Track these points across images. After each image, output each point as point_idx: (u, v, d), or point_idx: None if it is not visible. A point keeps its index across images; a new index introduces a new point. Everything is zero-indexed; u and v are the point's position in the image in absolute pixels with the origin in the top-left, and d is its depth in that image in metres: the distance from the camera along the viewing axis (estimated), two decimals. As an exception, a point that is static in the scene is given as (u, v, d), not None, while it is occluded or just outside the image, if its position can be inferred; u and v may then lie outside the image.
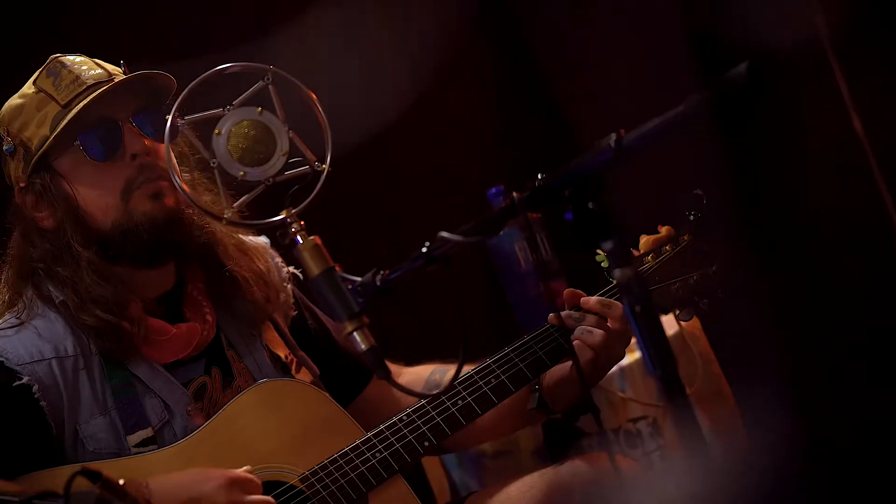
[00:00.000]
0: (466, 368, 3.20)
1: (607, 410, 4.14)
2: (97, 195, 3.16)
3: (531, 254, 4.57)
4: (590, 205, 2.27)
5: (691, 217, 3.23)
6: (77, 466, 2.40)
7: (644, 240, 3.28)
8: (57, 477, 2.49)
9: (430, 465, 4.25)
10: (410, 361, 3.61)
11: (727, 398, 4.36)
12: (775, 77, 3.87)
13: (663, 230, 3.28)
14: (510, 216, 2.41)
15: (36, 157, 3.15)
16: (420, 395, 3.16)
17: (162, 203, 3.16)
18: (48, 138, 3.14)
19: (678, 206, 3.29)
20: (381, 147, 4.78)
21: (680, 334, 4.28)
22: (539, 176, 2.37)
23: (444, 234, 2.61)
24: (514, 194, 2.36)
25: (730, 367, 4.42)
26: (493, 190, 4.66)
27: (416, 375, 3.53)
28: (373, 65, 4.92)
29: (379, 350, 2.86)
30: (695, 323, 4.37)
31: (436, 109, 5.00)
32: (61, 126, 3.12)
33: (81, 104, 3.12)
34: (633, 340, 4.29)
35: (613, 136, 2.21)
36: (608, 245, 2.27)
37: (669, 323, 4.24)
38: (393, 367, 3.52)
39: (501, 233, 2.68)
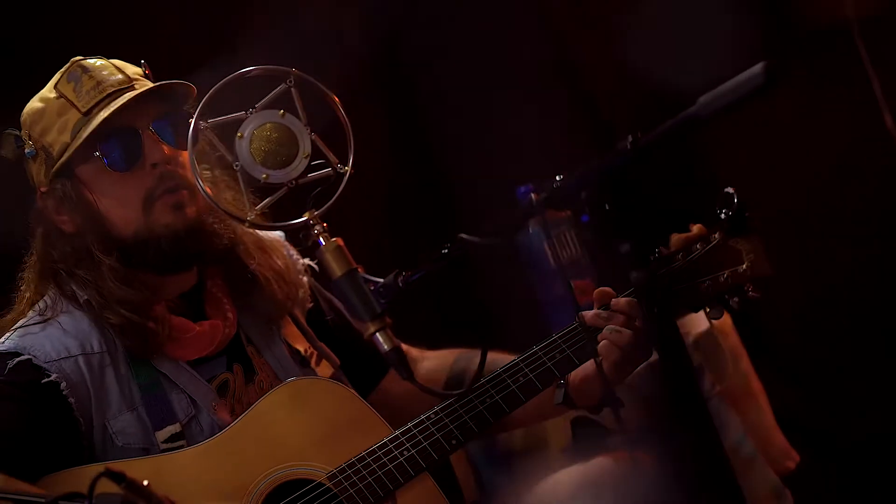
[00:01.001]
0: (495, 357, 3.21)
1: (633, 408, 4.13)
2: (118, 204, 3.17)
3: (560, 251, 4.56)
4: (606, 206, 2.27)
5: (722, 215, 3.22)
6: (101, 467, 2.41)
7: (675, 238, 3.27)
8: (81, 478, 2.51)
9: (458, 461, 4.25)
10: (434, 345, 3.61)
11: (757, 395, 4.34)
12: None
13: (695, 228, 3.27)
14: (528, 218, 2.42)
15: (57, 164, 3.17)
16: (442, 395, 3.17)
17: (183, 214, 3.16)
18: (69, 146, 3.15)
19: (710, 205, 3.28)
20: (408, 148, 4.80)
21: (710, 331, 4.26)
22: (557, 178, 2.37)
23: (464, 235, 2.63)
24: (532, 196, 2.37)
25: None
26: (523, 189, 4.65)
27: (440, 361, 3.53)
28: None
29: (402, 350, 2.88)
30: (726, 319, 4.35)
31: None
32: (82, 138, 3.12)
33: (102, 114, 3.12)
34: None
35: (630, 137, 2.22)
36: (625, 246, 2.27)
37: (700, 320, 4.23)
38: (415, 352, 3.54)
39: (531, 230, 2.70)
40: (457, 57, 4.86)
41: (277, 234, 3.44)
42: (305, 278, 3.45)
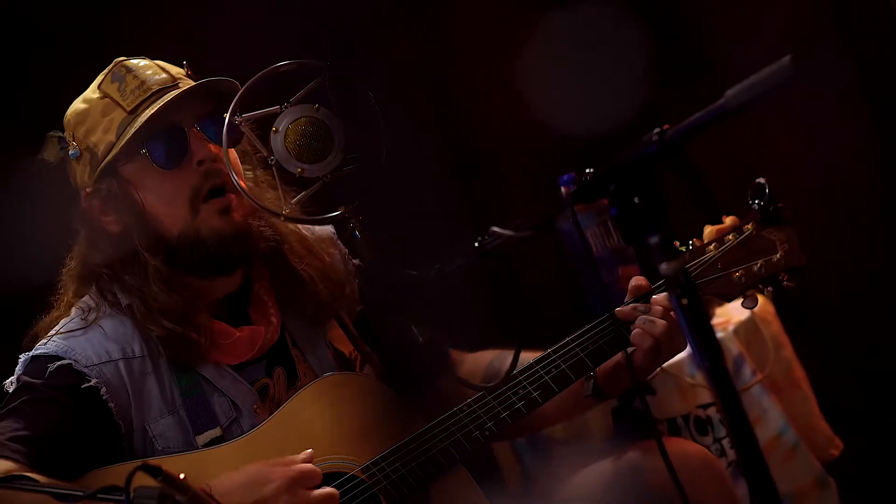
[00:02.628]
0: (528, 357, 3.21)
1: (676, 396, 4.13)
2: (164, 202, 3.18)
3: (604, 239, 4.56)
4: (635, 199, 2.27)
5: (755, 206, 3.22)
6: (138, 463, 2.44)
7: (709, 230, 3.28)
8: (119, 475, 2.54)
9: (502, 450, 4.27)
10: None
11: (800, 382, 4.33)
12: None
13: (728, 220, 3.28)
14: (559, 210, 2.42)
15: (102, 164, 3.18)
16: (480, 388, 3.18)
17: (230, 218, 3.17)
18: (114, 145, 3.16)
19: (743, 196, 3.28)
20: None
21: (752, 319, 4.26)
22: (587, 170, 2.37)
23: (497, 228, 2.63)
24: (562, 189, 2.37)
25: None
26: (566, 177, 4.65)
27: (476, 363, 3.53)
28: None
29: (437, 343, 2.89)
30: (768, 307, 4.34)
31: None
32: (128, 135, 3.14)
33: (147, 112, 3.14)
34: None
35: (657, 130, 2.21)
36: (654, 239, 2.27)
37: (742, 308, 4.22)
38: (454, 355, 3.56)
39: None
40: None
41: (328, 231, 3.44)
42: (356, 280, 3.45)
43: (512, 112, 4.96)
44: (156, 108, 3.14)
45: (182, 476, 2.45)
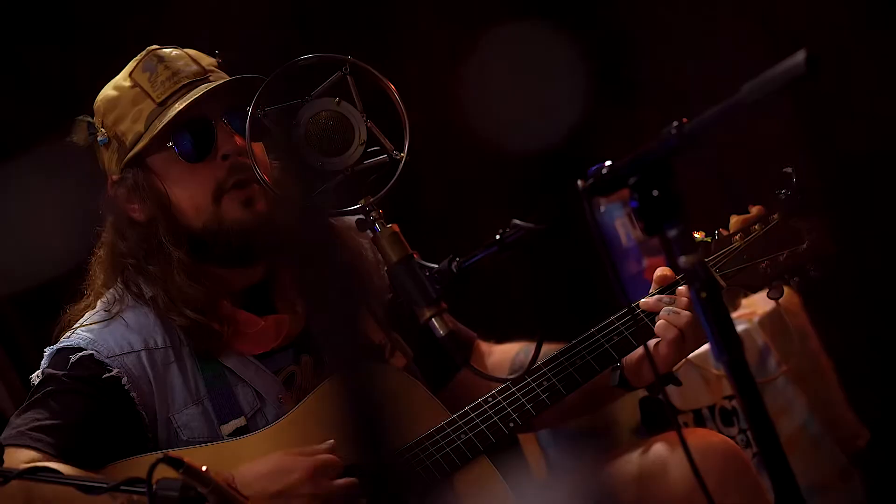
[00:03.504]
0: (553, 349, 3.21)
1: (702, 387, 4.13)
2: (189, 195, 3.19)
3: (631, 230, 4.56)
4: (654, 192, 2.27)
5: (781, 195, 3.21)
6: (160, 454, 2.46)
7: (734, 220, 3.27)
8: (141, 465, 2.57)
9: (527, 442, 4.27)
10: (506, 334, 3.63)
11: (825, 373, 4.31)
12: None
13: (754, 210, 3.27)
14: (575, 204, 2.42)
15: (130, 154, 3.20)
16: (501, 380, 3.18)
17: (253, 209, 3.18)
18: (142, 136, 3.17)
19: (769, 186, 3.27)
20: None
21: (777, 310, 4.24)
22: (606, 163, 2.37)
23: (518, 221, 2.65)
24: (580, 182, 2.37)
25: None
26: (595, 168, 4.64)
27: (503, 355, 3.54)
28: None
29: (457, 336, 2.90)
30: (793, 298, 4.33)
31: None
32: (157, 129, 3.15)
33: (177, 106, 3.15)
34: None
35: (675, 123, 2.21)
36: (673, 232, 2.27)
37: (767, 299, 4.21)
38: (484, 347, 3.56)
39: (603, 209, 2.70)
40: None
41: (350, 222, 3.45)
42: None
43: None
44: (184, 104, 3.15)
45: (204, 468, 2.48)
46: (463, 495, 3.13)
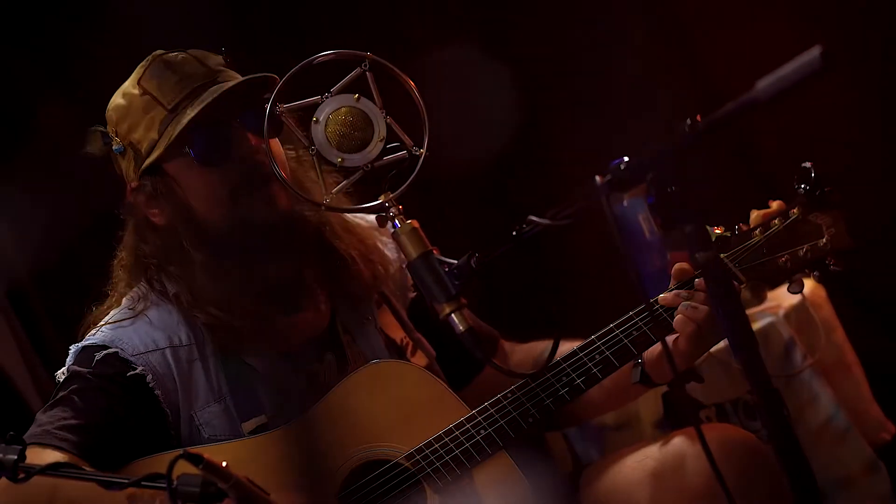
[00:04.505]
0: (573, 345, 3.22)
1: (725, 381, 4.11)
2: (207, 198, 3.20)
3: (654, 224, 4.53)
4: (671, 188, 2.28)
5: (801, 190, 3.20)
6: (180, 451, 2.48)
7: (755, 214, 3.26)
8: (162, 463, 2.58)
9: (553, 438, 4.26)
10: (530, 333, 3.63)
11: (851, 366, 4.29)
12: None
13: (774, 204, 3.26)
14: (592, 201, 2.42)
15: (146, 162, 3.20)
16: (521, 376, 3.19)
17: (276, 207, 3.18)
18: (157, 142, 3.18)
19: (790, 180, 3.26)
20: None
21: (803, 303, 4.22)
22: (623, 160, 2.38)
23: (534, 217, 2.65)
24: (597, 178, 2.37)
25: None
26: (616, 162, 4.64)
27: (527, 353, 3.55)
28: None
29: (476, 332, 2.91)
30: (819, 291, 4.31)
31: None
32: (171, 136, 3.15)
33: (188, 112, 3.15)
34: (753, 311, 4.28)
35: (688, 120, 2.22)
36: (689, 228, 2.27)
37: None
38: (506, 345, 3.57)
39: (626, 202, 2.69)
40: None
41: (369, 219, 3.45)
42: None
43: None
44: (196, 111, 3.14)
45: (224, 464, 2.49)
46: (482, 491, 3.13)
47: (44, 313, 4.57)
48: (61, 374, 3.19)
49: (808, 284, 4.24)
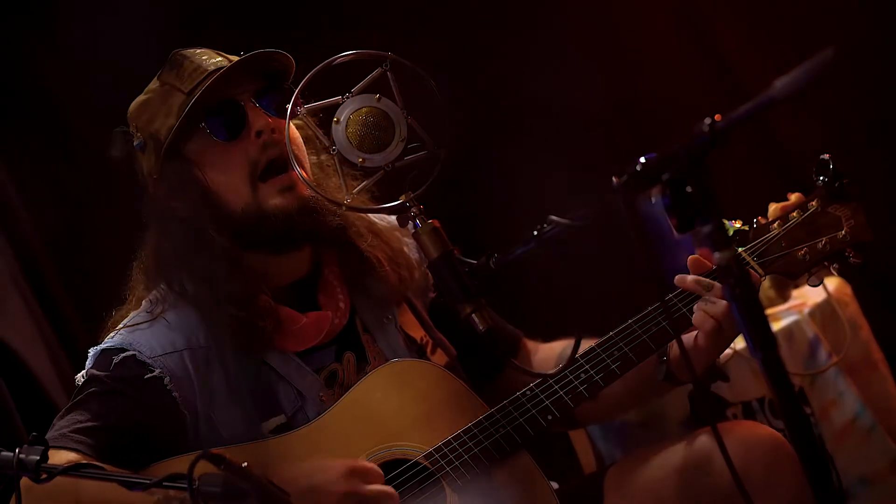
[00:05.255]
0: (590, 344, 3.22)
1: (751, 379, 4.10)
2: (225, 176, 3.21)
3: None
4: (688, 188, 2.27)
5: (819, 182, 3.20)
6: (201, 452, 2.48)
7: (773, 207, 3.27)
8: (182, 465, 2.59)
9: (576, 435, 4.27)
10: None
11: (877, 364, 4.27)
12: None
13: (792, 197, 3.27)
14: (609, 201, 2.42)
15: (165, 145, 3.21)
16: (538, 375, 3.19)
17: (295, 194, 3.19)
18: (174, 126, 3.19)
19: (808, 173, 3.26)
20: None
21: (828, 301, 4.21)
22: (640, 160, 2.38)
23: (555, 217, 2.65)
24: (614, 178, 2.37)
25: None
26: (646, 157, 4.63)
27: (549, 352, 3.55)
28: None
29: (497, 332, 2.91)
30: (844, 288, 4.30)
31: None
32: (186, 111, 3.16)
33: (204, 87, 3.17)
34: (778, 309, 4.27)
35: (708, 120, 2.22)
36: (707, 228, 2.27)
37: (818, 289, 4.17)
38: (531, 345, 3.57)
39: (654, 199, 2.68)
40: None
41: (391, 220, 3.46)
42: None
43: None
44: (211, 81, 3.16)
45: (244, 464, 2.50)
46: (501, 489, 3.14)
47: (72, 310, 4.60)
48: (80, 378, 3.21)
49: (834, 282, 4.25)
